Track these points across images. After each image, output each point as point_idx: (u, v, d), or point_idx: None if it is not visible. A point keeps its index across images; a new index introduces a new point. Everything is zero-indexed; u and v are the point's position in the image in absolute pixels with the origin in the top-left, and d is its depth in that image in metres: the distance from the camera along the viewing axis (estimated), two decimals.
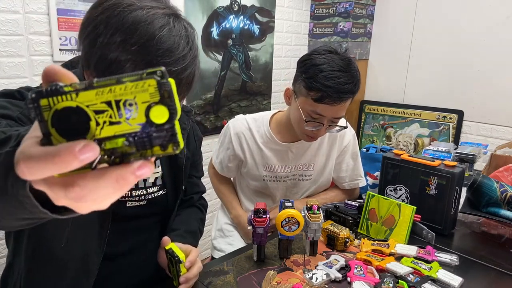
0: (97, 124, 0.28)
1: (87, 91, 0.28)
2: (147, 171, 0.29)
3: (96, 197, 0.29)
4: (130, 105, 0.28)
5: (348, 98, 1.12)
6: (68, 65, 0.87)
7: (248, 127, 1.33)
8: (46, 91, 0.28)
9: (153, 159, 0.30)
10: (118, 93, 0.28)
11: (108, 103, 0.28)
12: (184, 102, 2.24)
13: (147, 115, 0.28)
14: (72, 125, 0.28)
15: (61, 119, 0.28)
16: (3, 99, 0.70)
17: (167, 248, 0.87)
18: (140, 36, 0.63)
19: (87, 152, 0.27)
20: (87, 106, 0.28)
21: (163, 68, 0.28)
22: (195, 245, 1.00)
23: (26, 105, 0.24)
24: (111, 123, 0.28)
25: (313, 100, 1.11)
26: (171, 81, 0.29)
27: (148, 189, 0.92)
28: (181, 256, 0.84)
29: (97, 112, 0.28)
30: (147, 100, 0.28)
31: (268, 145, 1.32)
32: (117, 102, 0.28)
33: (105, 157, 0.29)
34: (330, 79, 1.08)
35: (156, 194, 0.94)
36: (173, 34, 0.65)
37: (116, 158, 0.29)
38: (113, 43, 0.62)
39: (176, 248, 0.86)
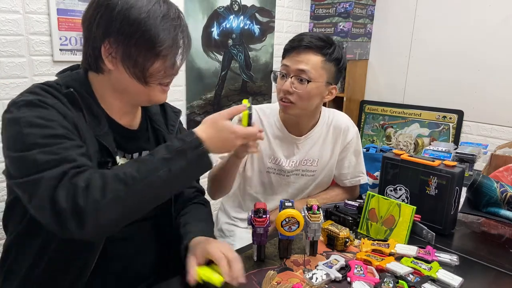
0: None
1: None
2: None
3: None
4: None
5: (307, 48, 1.19)
6: (74, 68, 0.90)
7: (258, 118, 1.36)
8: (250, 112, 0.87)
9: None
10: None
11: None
12: (184, 102, 2.24)
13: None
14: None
15: (250, 118, 0.87)
16: (34, 116, 0.71)
17: (198, 279, 0.79)
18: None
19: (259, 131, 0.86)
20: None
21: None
22: (211, 230, 1.02)
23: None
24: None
25: (282, 58, 1.26)
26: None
27: None
28: (215, 280, 0.78)
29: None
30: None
31: (277, 136, 1.34)
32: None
33: None
34: (299, 35, 1.24)
35: None
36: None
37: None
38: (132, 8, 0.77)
39: (205, 273, 0.79)
